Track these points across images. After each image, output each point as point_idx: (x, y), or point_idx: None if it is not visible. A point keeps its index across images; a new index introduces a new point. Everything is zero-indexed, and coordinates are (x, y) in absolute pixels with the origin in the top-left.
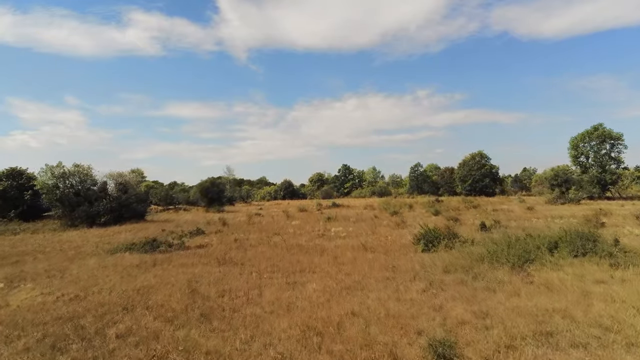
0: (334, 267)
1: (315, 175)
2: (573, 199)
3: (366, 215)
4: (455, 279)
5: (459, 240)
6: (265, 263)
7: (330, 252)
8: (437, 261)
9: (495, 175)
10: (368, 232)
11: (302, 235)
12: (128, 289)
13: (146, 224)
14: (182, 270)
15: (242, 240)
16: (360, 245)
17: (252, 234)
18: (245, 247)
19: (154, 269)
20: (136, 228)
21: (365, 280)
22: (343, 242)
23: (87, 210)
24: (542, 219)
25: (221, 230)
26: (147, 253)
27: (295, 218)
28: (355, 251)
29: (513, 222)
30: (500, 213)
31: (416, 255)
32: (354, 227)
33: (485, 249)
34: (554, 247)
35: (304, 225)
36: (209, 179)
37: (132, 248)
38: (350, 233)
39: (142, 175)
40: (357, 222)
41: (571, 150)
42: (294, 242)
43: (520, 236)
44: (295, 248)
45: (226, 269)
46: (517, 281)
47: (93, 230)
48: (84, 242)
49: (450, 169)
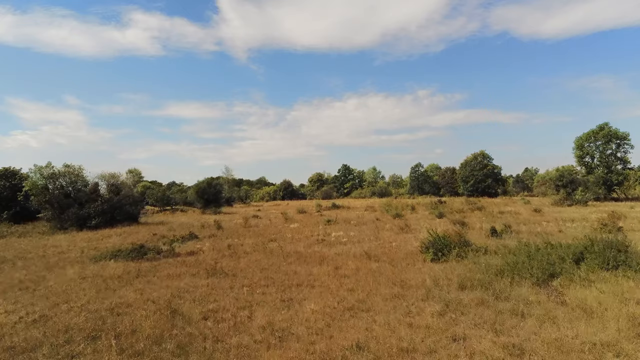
0: (335, 280)
1: (315, 176)
2: (580, 200)
3: (367, 218)
4: (475, 298)
5: (470, 248)
6: (259, 274)
7: (331, 260)
8: (450, 274)
9: (498, 176)
10: (370, 237)
11: (300, 241)
12: (101, 308)
13: (138, 227)
14: (167, 284)
15: (236, 247)
16: (363, 253)
17: (248, 239)
18: (238, 255)
19: (136, 280)
20: (127, 231)
21: (371, 298)
22: (344, 249)
23: (77, 212)
24: (552, 222)
25: (215, 234)
26: (134, 261)
27: (293, 221)
28: (357, 260)
29: (523, 227)
30: (507, 216)
31: (425, 265)
32: (356, 231)
33: (503, 260)
34: (580, 258)
35: (303, 228)
36: (206, 180)
37: (118, 255)
38: (352, 238)
39: (140, 175)
40: (359, 226)
41: (576, 150)
42: (292, 248)
43: (539, 245)
44: (293, 256)
45: (215, 281)
46: (547, 302)
47: (82, 234)
48: (70, 247)
49: (451, 169)
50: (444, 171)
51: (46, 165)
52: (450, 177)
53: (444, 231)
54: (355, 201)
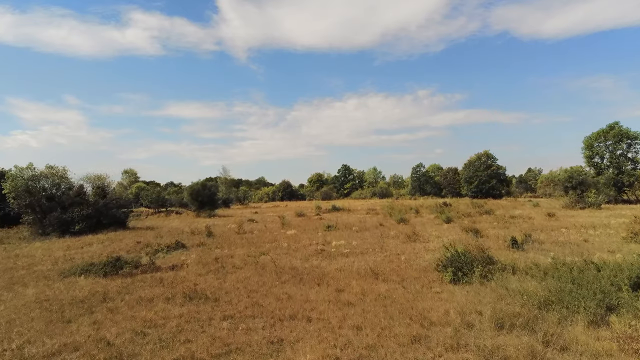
0: (337, 311)
1: (315, 176)
2: (593, 203)
3: (370, 223)
4: (520, 345)
5: (496, 267)
6: (246, 299)
7: (331, 279)
8: (479, 304)
9: (502, 177)
10: (375, 246)
11: (297, 251)
12: (39, 353)
13: (124, 233)
14: (134, 313)
15: (224, 259)
16: (369, 270)
17: (239, 249)
18: (226, 270)
19: (100, 307)
20: (111, 238)
21: (383, 341)
22: (346, 263)
23: (59, 217)
24: (571, 229)
25: (204, 242)
26: (107, 277)
27: (291, 226)
28: (362, 279)
29: (541, 234)
30: (519, 221)
31: (444, 288)
32: (358, 239)
33: (540, 285)
34: (637, 284)
35: (301, 235)
36: (200, 182)
37: (89, 270)
38: (355, 248)
39: (135, 175)
40: (361, 232)
41: (585, 151)
42: (287, 262)
43: (579, 264)
44: (288, 272)
45: (193, 309)
46: (622, 355)
47: (62, 241)
48: (45, 257)
49: (453, 169)
50: (445, 172)
51: (27, 167)
52: (452, 177)
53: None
54: (356, 202)
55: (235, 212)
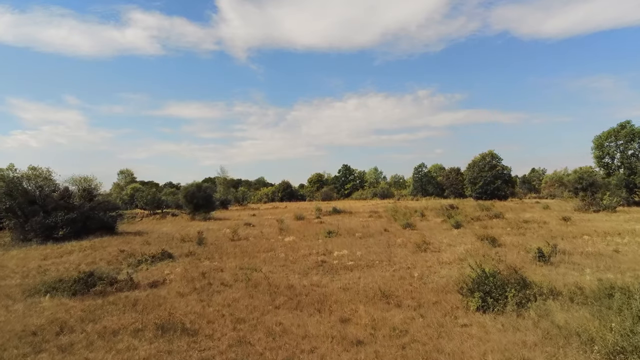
0: (342, 353)
1: (315, 176)
2: (608, 206)
3: (374, 227)
4: None
5: (533, 292)
6: (231, 333)
7: (334, 303)
8: (524, 346)
9: (508, 177)
10: (382, 258)
11: (295, 263)
12: None
13: (111, 239)
14: (88, 354)
15: (213, 274)
16: (377, 290)
17: (231, 260)
18: (213, 288)
19: (51, 344)
20: (95, 245)
21: None
22: (351, 279)
23: (42, 221)
24: (594, 236)
25: (194, 252)
26: (76, 296)
27: (289, 231)
28: (371, 303)
29: (563, 242)
30: (533, 226)
31: (472, 319)
32: (363, 248)
33: (600, 323)
34: None
35: (300, 243)
36: (195, 183)
37: (57, 288)
38: (359, 260)
39: (132, 176)
40: (365, 239)
41: (595, 150)
42: (283, 278)
43: (637, 288)
44: (283, 293)
45: (163, 348)
46: None
47: (43, 248)
48: (18, 268)
49: (455, 169)
50: (448, 172)
51: (7, 167)
52: (455, 178)
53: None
54: (357, 203)
55: (233, 214)
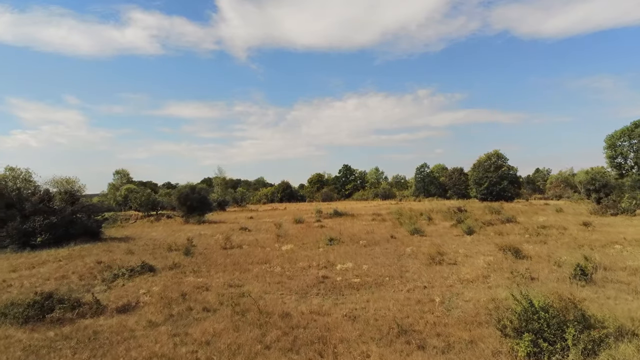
0: None
1: (315, 176)
2: (627, 209)
3: (379, 233)
4: None
5: (599, 334)
6: None
7: (339, 342)
8: None
9: (514, 178)
10: (392, 272)
11: (292, 279)
12: None
13: (92, 247)
14: None
15: (194, 295)
16: (392, 321)
17: (219, 275)
18: (192, 316)
19: None
20: (73, 254)
21: None
22: (358, 304)
23: (18, 227)
24: (626, 245)
25: (179, 263)
26: (27, 324)
27: (287, 237)
28: (386, 343)
29: (597, 254)
30: (553, 232)
31: None
32: (368, 258)
33: None
34: None
35: (298, 252)
36: (188, 184)
37: (6, 314)
38: (366, 275)
39: (128, 176)
40: (370, 247)
41: (607, 150)
42: (277, 300)
43: None
44: (275, 325)
45: None
46: None
47: (17, 257)
48: None
49: (459, 169)
50: (450, 172)
51: None
52: (458, 178)
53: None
54: (358, 204)
55: (230, 216)
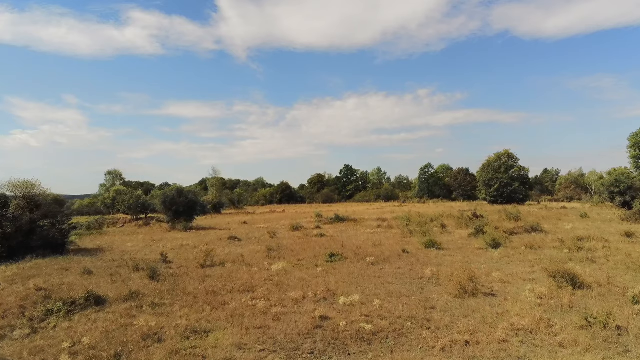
0: None
1: (315, 177)
2: None
3: (387, 245)
4: None
5: None
6: None
7: None
8: None
9: (526, 179)
10: (414, 312)
11: (279, 321)
12: None
13: (48, 263)
14: None
15: (135, 353)
16: None
17: (184, 312)
18: None
19: None
20: (22, 273)
21: None
22: None
23: None
24: None
25: (139, 292)
26: None
27: (281, 251)
28: None
29: None
30: (594, 246)
31: None
32: (379, 284)
33: None
34: None
35: (292, 274)
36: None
37: None
38: (380, 318)
39: (120, 176)
40: (380, 266)
41: (631, 150)
42: None
43: None
44: None
45: None
46: None
47: None
48: None
49: (464, 170)
50: (456, 172)
51: None
52: (464, 179)
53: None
54: (361, 207)
55: (224, 220)
